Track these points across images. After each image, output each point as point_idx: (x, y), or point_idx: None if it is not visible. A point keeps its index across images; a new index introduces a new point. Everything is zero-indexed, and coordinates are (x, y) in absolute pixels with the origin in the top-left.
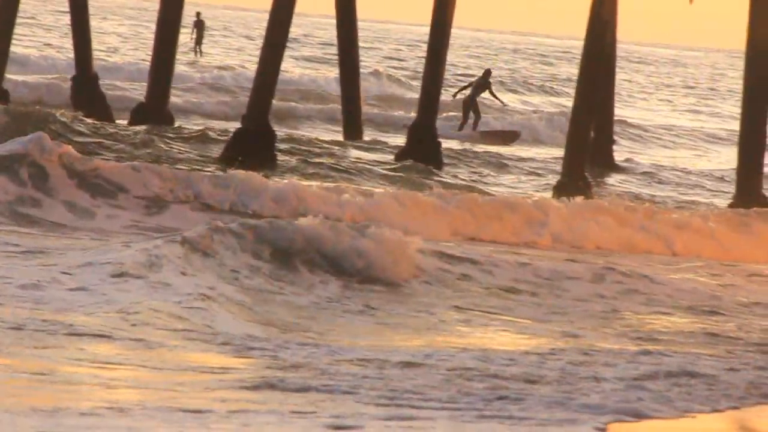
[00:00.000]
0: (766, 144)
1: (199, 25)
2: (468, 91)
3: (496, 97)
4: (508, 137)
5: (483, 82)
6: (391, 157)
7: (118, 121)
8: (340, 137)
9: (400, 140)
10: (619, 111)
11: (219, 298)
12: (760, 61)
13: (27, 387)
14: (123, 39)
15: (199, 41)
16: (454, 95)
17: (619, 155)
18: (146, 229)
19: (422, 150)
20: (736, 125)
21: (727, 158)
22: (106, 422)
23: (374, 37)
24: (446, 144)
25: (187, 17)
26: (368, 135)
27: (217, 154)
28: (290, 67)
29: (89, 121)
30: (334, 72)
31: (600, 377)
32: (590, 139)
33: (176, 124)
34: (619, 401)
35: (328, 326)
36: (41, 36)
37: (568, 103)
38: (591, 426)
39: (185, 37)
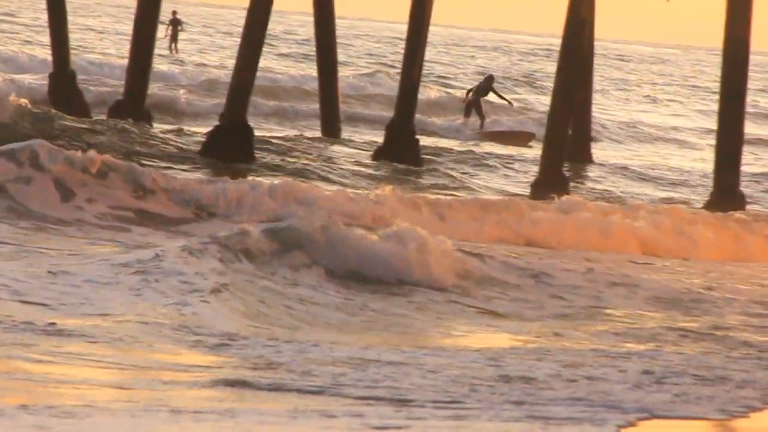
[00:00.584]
0: (744, 141)
1: (175, 24)
2: (471, 96)
3: (503, 98)
4: (521, 138)
5: (486, 86)
6: (368, 154)
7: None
8: (319, 135)
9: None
10: (600, 107)
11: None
12: (737, 58)
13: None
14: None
15: (174, 39)
16: (463, 101)
17: (601, 153)
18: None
19: (400, 148)
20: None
21: (707, 156)
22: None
23: (355, 35)
24: (448, 144)
25: (164, 14)
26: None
27: (192, 153)
28: (272, 65)
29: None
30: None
31: (622, 376)
32: (568, 136)
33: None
34: (641, 400)
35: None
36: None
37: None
38: (613, 424)
39: (160, 33)
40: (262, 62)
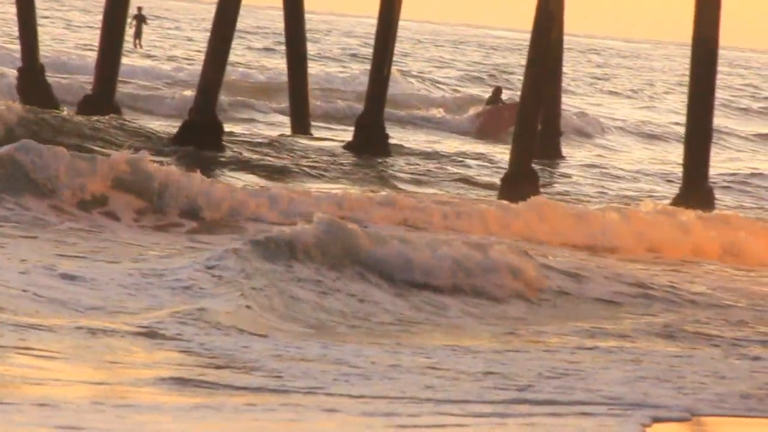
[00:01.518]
0: (712, 136)
1: (140, 19)
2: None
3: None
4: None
5: (494, 99)
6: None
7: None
8: (289, 132)
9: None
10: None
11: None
12: (706, 53)
13: None
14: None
15: (138, 35)
16: (478, 115)
17: (571, 149)
18: None
19: (370, 142)
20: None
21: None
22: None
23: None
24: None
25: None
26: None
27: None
28: (244, 60)
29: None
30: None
31: (641, 374)
32: (538, 131)
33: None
34: (662, 398)
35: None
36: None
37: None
38: (634, 422)
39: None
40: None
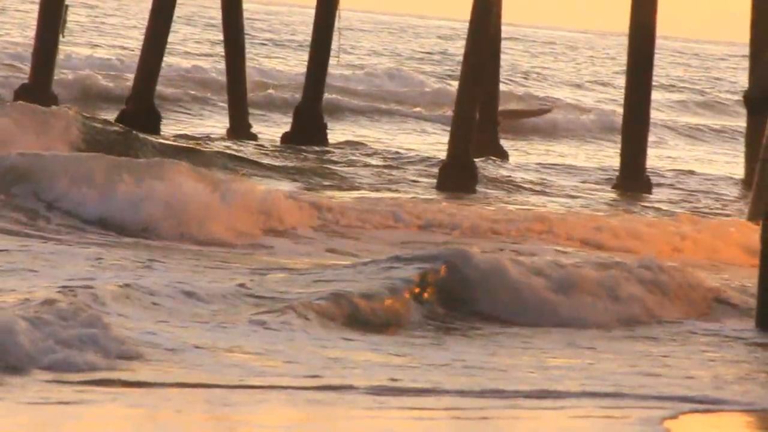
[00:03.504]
0: (650, 124)
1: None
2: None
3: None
4: (539, 113)
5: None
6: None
7: None
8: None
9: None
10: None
11: None
12: (643, 40)
13: None
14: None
15: (62, 27)
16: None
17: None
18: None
19: (307, 132)
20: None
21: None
22: None
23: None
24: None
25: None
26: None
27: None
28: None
29: None
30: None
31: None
32: (476, 121)
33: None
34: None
35: None
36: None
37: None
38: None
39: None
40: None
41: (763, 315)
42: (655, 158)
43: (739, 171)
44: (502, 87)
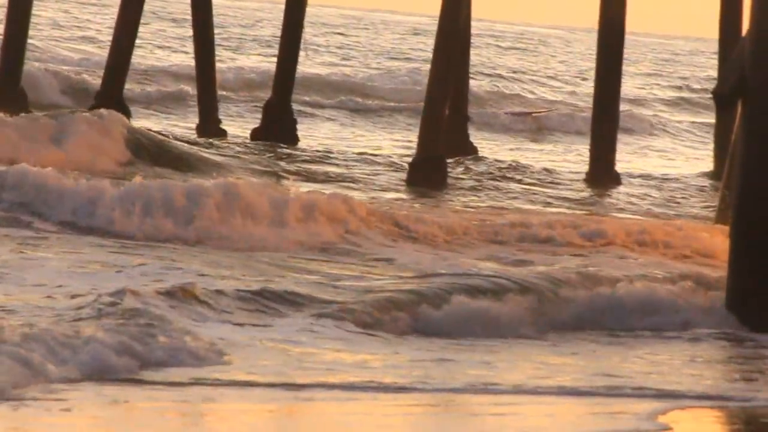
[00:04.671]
0: (619, 118)
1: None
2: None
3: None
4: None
5: None
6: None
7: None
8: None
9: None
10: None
11: None
12: (613, 37)
13: None
14: None
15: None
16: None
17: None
18: None
19: (277, 128)
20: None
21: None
22: None
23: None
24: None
25: None
26: None
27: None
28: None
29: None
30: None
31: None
32: (445, 116)
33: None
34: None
35: None
36: None
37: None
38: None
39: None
40: None
41: (732, 298)
42: (625, 153)
43: (708, 165)
44: (472, 83)
